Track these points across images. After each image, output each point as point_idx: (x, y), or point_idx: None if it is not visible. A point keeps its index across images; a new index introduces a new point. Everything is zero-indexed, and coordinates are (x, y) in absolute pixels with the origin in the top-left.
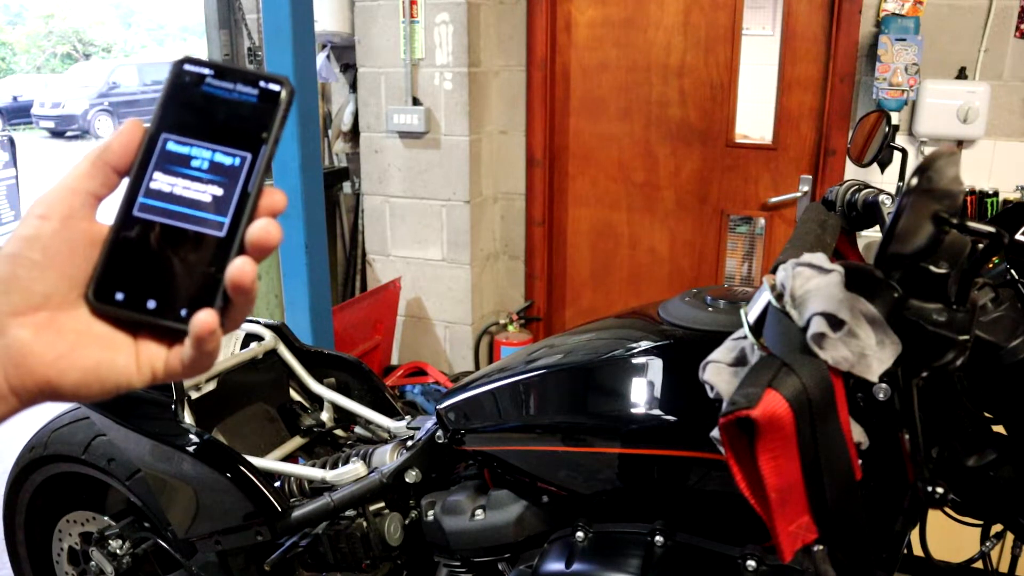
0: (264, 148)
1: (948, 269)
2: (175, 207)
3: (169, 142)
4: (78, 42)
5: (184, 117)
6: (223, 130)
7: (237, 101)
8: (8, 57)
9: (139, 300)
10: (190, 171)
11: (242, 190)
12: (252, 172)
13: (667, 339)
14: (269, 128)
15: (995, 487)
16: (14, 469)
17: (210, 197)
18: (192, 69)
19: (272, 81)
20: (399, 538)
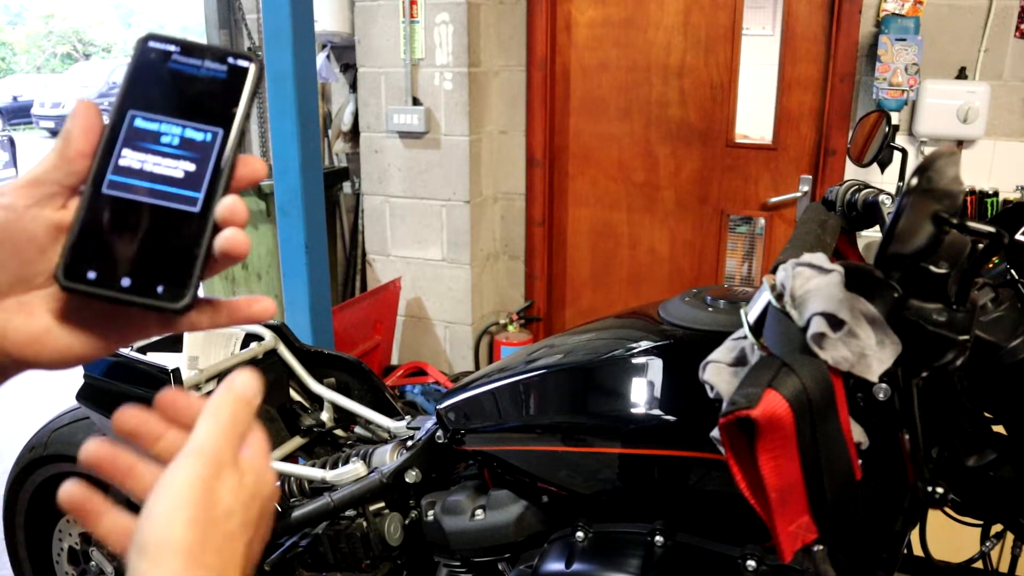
0: (234, 123)
1: (948, 269)
2: (146, 183)
3: (137, 119)
4: (78, 42)
5: (151, 93)
6: (192, 106)
7: (205, 77)
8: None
9: (112, 278)
10: (160, 147)
11: (215, 165)
12: (224, 147)
13: (667, 339)
14: (239, 103)
15: (995, 487)
16: (14, 469)
17: (182, 173)
18: (157, 46)
19: (240, 57)
20: (399, 538)
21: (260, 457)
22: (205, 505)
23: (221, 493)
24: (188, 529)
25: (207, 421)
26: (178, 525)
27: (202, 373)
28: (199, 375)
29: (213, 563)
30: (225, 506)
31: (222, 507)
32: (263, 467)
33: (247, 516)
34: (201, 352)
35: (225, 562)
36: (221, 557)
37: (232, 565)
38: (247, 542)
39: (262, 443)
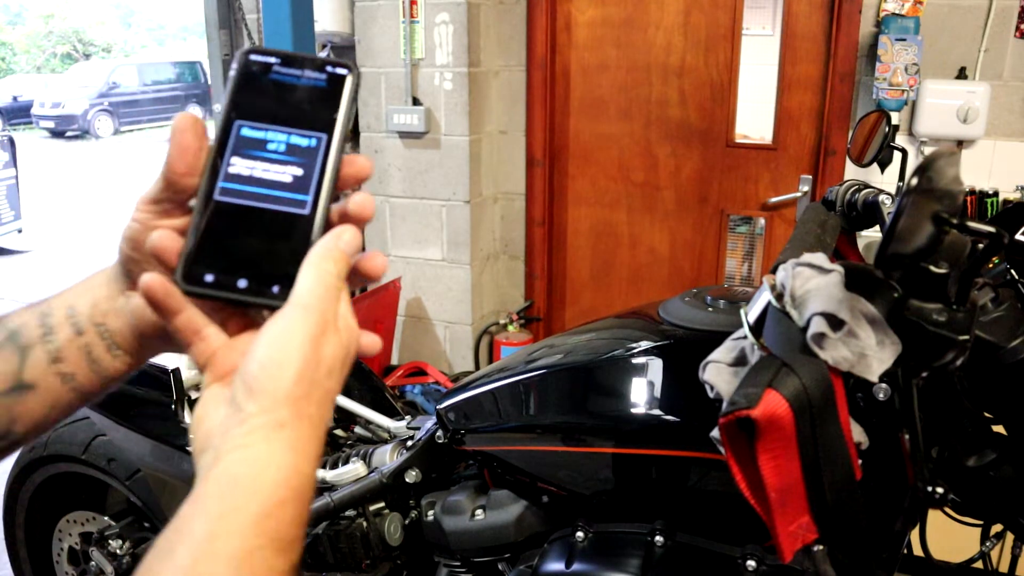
0: (337, 128)
1: (948, 269)
2: (256, 189)
3: (243, 128)
4: (78, 42)
5: (255, 104)
6: (296, 114)
7: (306, 86)
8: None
9: (230, 280)
10: (267, 154)
11: (321, 168)
12: (329, 151)
13: (667, 339)
14: (338, 109)
15: (995, 487)
16: (14, 469)
17: (290, 177)
18: (258, 59)
19: (339, 66)
20: (399, 538)
21: (351, 315)
22: (313, 363)
23: (325, 352)
24: (297, 383)
25: (315, 276)
26: (289, 377)
27: None
28: (199, 375)
29: (315, 415)
30: (328, 364)
31: (325, 365)
32: (353, 327)
33: (342, 375)
34: None
35: (322, 417)
36: (321, 410)
37: (326, 418)
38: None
39: (349, 301)
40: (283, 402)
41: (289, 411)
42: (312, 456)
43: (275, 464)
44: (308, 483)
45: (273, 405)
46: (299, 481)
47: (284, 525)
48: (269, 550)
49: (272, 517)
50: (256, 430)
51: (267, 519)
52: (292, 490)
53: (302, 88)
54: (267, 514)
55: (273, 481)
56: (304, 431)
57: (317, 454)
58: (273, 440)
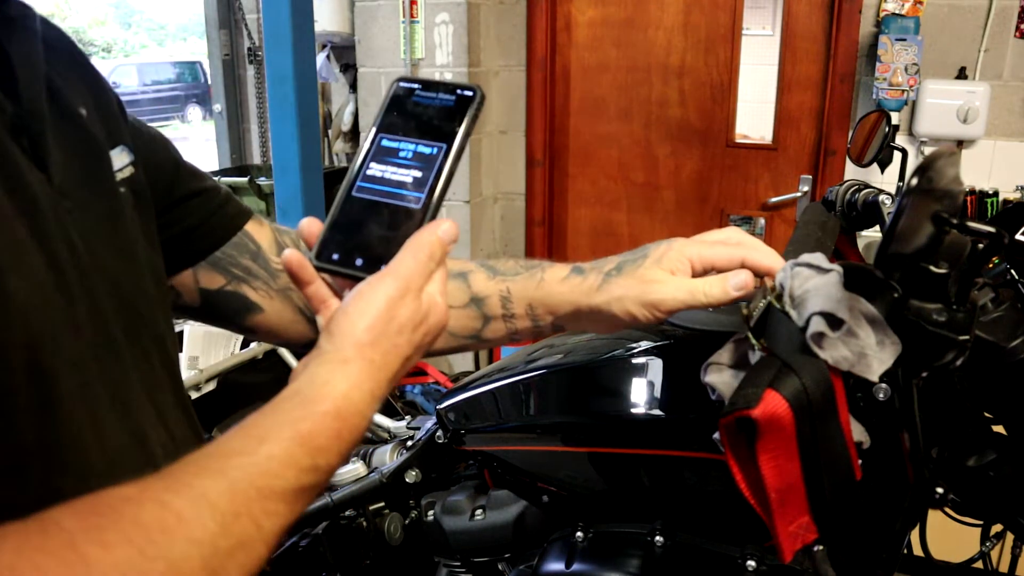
0: (456, 138)
1: (948, 269)
2: (384, 187)
3: (383, 140)
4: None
5: (396, 120)
6: (425, 127)
7: (438, 106)
8: None
9: (350, 259)
10: (398, 160)
11: (436, 171)
12: (446, 158)
13: (667, 339)
14: (461, 123)
15: (995, 487)
16: None
17: (411, 179)
18: (405, 85)
19: (467, 89)
20: (399, 538)
21: (439, 293)
22: (385, 318)
23: (400, 311)
24: (367, 330)
25: (409, 252)
26: (361, 324)
27: (202, 373)
28: (199, 375)
29: (377, 360)
30: (400, 323)
31: (397, 323)
32: (439, 302)
33: (412, 337)
34: (201, 352)
35: (387, 363)
36: (385, 358)
37: (389, 368)
38: (406, 357)
39: (444, 281)
40: (351, 344)
41: (354, 351)
42: (366, 391)
43: (329, 385)
44: (355, 411)
45: (343, 345)
46: (345, 404)
47: (319, 430)
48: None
49: (310, 420)
50: (325, 362)
51: (306, 420)
52: (336, 407)
53: (434, 107)
54: (307, 416)
55: (322, 396)
56: (363, 370)
57: (373, 391)
58: (335, 370)
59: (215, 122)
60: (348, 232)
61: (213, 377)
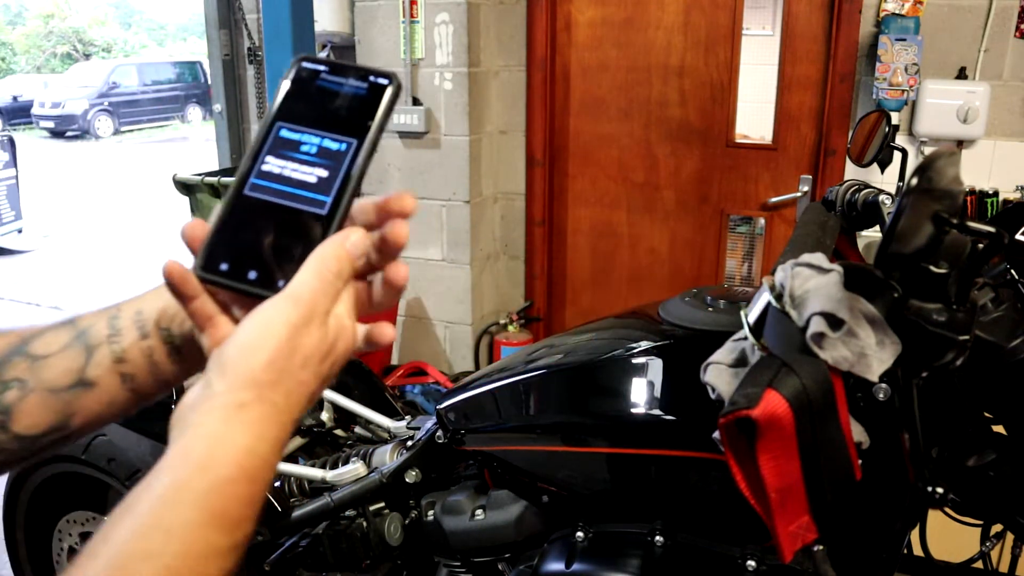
0: (369, 135)
1: (948, 269)
2: (283, 187)
3: (282, 130)
4: (78, 42)
5: (298, 108)
6: (332, 119)
7: (347, 94)
8: (8, 57)
9: (241, 271)
10: (299, 155)
11: (346, 172)
12: (356, 156)
13: (667, 339)
14: (374, 116)
15: (995, 487)
16: (14, 469)
17: (315, 178)
18: (309, 66)
19: (381, 76)
20: (399, 538)
21: (347, 316)
22: (288, 350)
23: (304, 341)
24: (266, 368)
25: (312, 270)
26: (259, 359)
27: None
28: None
29: (280, 403)
30: (304, 354)
31: (301, 355)
32: (347, 325)
33: (319, 369)
34: None
35: (290, 405)
36: (288, 399)
37: (294, 409)
38: (312, 394)
39: (351, 303)
40: (248, 385)
41: (252, 393)
42: (271, 440)
43: (229, 442)
44: (263, 465)
45: (238, 386)
46: (252, 462)
47: (231, 503)
48: (211, 527)
49: (218, 494)
50: (217, 408)
51: (213, 495)
52: (243, 470)
53: (343, 95)
54: (214, 490)
55: (224, 458)
56: (265, 414)
57: (277, 439)
58: (231, 420)
59: (215, 122)
60: (239, 239)
61: None
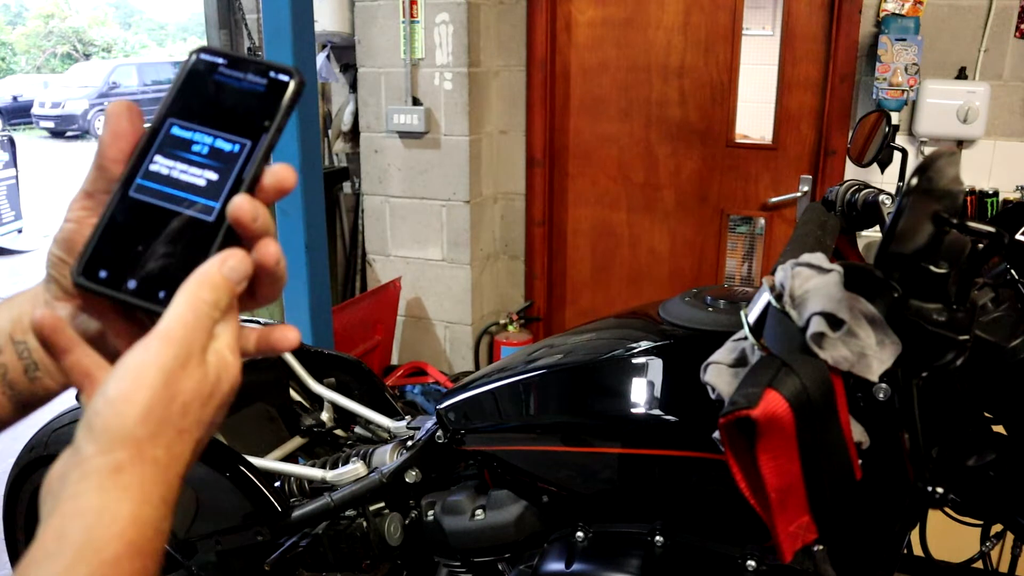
0: (265, 136)
1: (948, 269)
2: (170, 190)
3: (174, 127)
4: (78, 42)
5: (192, 104)
6: (227, 117)
7: (245, 90)
8: (8, 57)
9: (120, 280)
10: (190, 155)
11: (236, 176)
12: (249, 159)
13: (667, 339)
14: (273, 117)
15: (995, 487)
16: (14, 469)
17: (205, 182)
18: (207, 58)
19: (282, 72)
20: (399, 538)
21: (229, 351)
22: (164, 398)
23: (182, 386)
24: (142, 421)
25: (185, 303)
26: (133, 415)
27: None
28: None
29: (161, 458)
30: (183, 401)
31: (180, 401)
32: (230, 362)
33: (203, 414)
34: None
35: (173, 458)
36: (170, 453)
37: (179, 462)
38: (197, 440)
39: (234, 334)
40: (122, 443)
41: (128, 453)
42: (157, 500)
43: (108, 516)
44: (152, 532)
45: (111, 446)
46: (138, 532)
47: None
48: None
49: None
50: (90, 475)
51: None
52: (129, 545)
53: (240, 91)
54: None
55: (105, 537)
56: (147, 475)
57: (164, 498)
58: (108, 488)
59: None
60: (120, 244)
61: None
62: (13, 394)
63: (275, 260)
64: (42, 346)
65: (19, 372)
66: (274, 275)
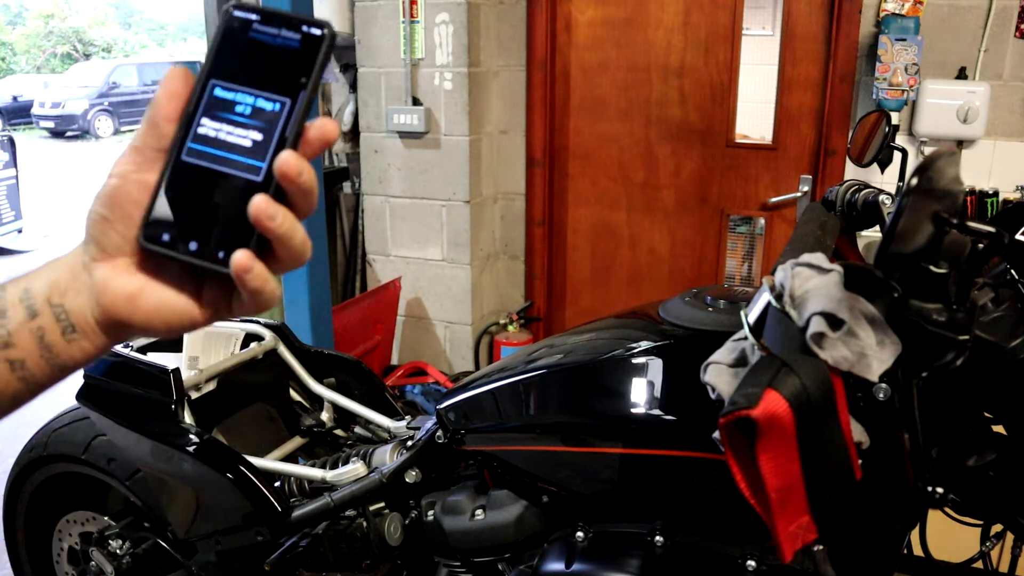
0: (303, 93)
1: (948, 269)
2: (219, 152)
3: (217, 88)
4: (78, 42)
5: (231, 63)
6: (265, 75)
7: (280, 47)
8: (8, 57)
9: (182, 242)
10: (234, 116)
11: (280, 136)
12: (290, 118)
13: (667, 339)
14: (309, 73)
15: (995, 487)
16: (14, 469)
17: (250, 142)
18: (240, 15)
19: (314, 25)
20: (399, 538)
21: None
22: None
23: None
24: None
25: None
26: None
27: (202, 373)
28: (199, 375)
29: None
30: None
31: None
32: None
33: None
34: (201, 352)
35: None
36: None
37: None
38: None
39: None
40: None
41: None
42: None
43: None
44: None
45: None
46: None
47: None
48: None
49: None
50: None
51: None
52: None
53: (276, 48)
54: None
55: None
56: None
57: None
58: None
59: None
60: (178, 208)
61: (213, 377)
62: (51, 356)
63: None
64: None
65: (57, 334)
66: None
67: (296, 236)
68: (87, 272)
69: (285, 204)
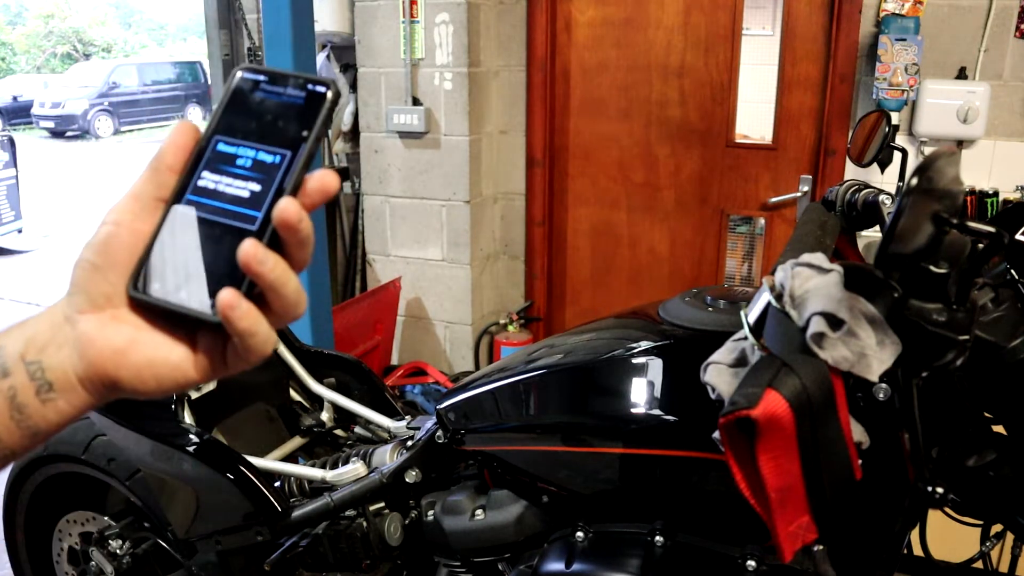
0: (304, 146)
1: (948, 269)
2: (217, 203)
3: (220, 143)
4: (78, 42)
5: (236, 120)
6: (269, 130)
7: (285, 103)
8: (8, 57)
9: (173, 291)
10: (235, 169)
11: (278, 186)
12: (289, 169)
13: (667, 339)
14: (311, 127)
15: (995, 487)
16: (14, 469)
17: (248, 193)
18: (249, 76)
19: (319, 84)
20: (399, 538)
21: None
22: None
23: None
24: None
25: None
26: None
27: None
28: None
29: None
30: None
31: None
32: None
33: None
34: None
35: None
36: None
37: None
38: None
39: None
40: None
41: None
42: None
43: None
44: None
45: None
46: None
47: None
48: None
49: None
50: None
51: None
52: None
53: (280, 105)
54: None
55: None
56: None
57: None
58: None
59: None
60: (172, 257)
61: None
62: (22, 418)
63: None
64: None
65: (30, 394)
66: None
67: (289, 285)
68: (70, 325)
69: (280, 254)
